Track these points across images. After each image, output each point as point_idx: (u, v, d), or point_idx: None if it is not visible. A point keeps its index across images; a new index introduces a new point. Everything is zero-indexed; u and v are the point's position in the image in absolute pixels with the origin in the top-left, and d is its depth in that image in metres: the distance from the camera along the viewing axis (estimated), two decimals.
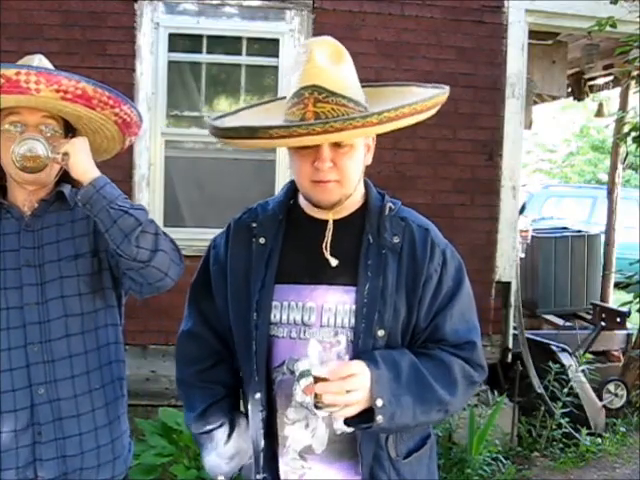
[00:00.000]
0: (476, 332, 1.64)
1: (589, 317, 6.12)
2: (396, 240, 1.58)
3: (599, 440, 4.69)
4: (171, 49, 4.41)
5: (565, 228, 7.40)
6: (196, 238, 4.43)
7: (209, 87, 4.64)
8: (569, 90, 7.01)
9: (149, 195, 4.41)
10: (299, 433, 1.58)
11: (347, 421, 1.48)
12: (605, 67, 6.60)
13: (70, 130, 1.77)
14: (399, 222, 1.61)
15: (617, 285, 6.93)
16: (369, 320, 1.53)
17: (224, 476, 1.67)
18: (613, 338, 5.66)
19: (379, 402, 1.44)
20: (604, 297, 6.67)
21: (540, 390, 4.66)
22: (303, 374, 1.43)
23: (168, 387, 4.33)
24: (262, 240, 1.62)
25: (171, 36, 4.40)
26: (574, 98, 7.43)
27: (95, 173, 1.67)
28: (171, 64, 4.43)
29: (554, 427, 4.56)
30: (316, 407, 1.43)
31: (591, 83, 7.27)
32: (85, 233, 1.80)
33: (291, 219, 1.65)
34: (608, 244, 6.83)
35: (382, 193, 1.69)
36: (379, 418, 1.44)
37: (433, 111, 1.53)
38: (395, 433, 1.57)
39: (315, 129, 1.39)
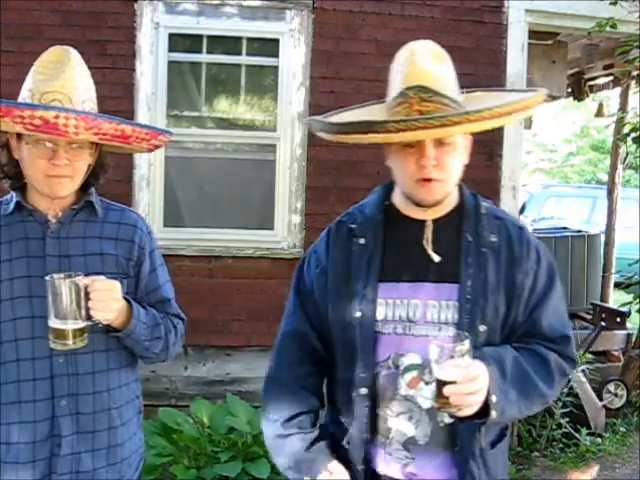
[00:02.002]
0: (569, 326, 1.72)
1: (589, 317, 6.12)
2: (494, 239, 1.64)
3: (599, 440, 4.69)
4: (171, 49, 4.41)
5: (565, 228, 7.40)
6: (196, 238, 4.45)
7: (209, 87, 4.64)
8: (569, 90, 7.01)
9: (149, 195, 4.41)
10: (403, 425, 1.62)
11: (462, 418, 1.51)
12: (605, 67, 6.60)
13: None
14: (495, 221, 1.67)
15: (617, 285, 6.93)
16: (472, 316, 1.58)
17: (310, 476, 1.63)
18: (613, 338, 5.65)
19: (494, 398, 1.50)
20: (604, 297, 6.67)
21: None
22: (408, 369, 1.50)
23: (168, 387, 4.33)
24: (362, 241, 1.66)
25: (171, 36, 4.39)
26: (574, 98, 7.43)
27: (122, 320, 1.72)
28: (171, 64, 4.43)
29: (554, 427, 4.56)
30: (438, 409, 1.47)
31: (591, 83, 7.27)
32: (113, 253, 1.79)
33: (388, 219, 1.69)
34: (608, 244, 6.83)
35: (474, 193, 1.73)
36: (493, 413, 1.50)
37: (529, 112, 1.60)
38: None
39: (432, 122, 1.43)
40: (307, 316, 1.74)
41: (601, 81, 7.21)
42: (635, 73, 4.85)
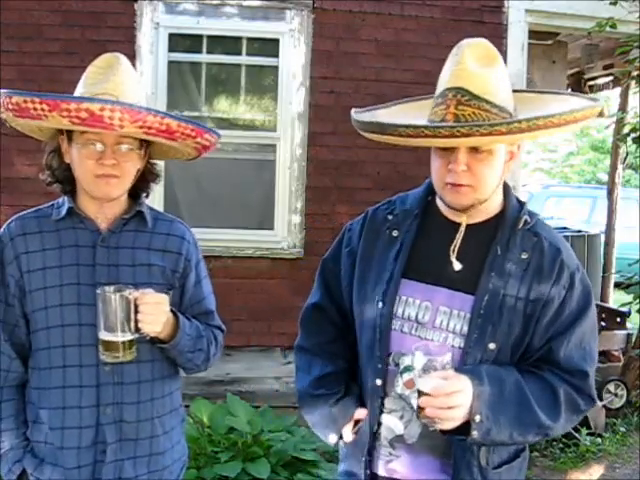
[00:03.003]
0: (591, 362, 1.61)
1: None
2: (524, 256, 1.57)
3: (599, 440, 4.68)
4: (171, 49, 4.41)
5: (565, 228, 7.39)
6: (197, 238, 4.44)
7: (209, 87, 4.64)
8: (569, 90, 7.01)
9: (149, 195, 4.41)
10: (393, 422, 1.61)
11: (443, 430, 1.50)
12: (605, 67, 6.60)
13: (146, 141, 1.75)
14: (531, 237, 1.59)
15: (617, 285, 6.93)
16: (482, 332, 1.53)
17: (335, 435, 1.69)
18: (613, 338, 5.64)
19: (477, 418, 1.46)
20: (604, 297, 6.67)
21: None
22: (407, 369, 1.49)
23: None
24: (395, 233, 1.66)
25: (171, 36, 4.40)
26: None
27: (168, 332, 1.72)
28: (171, 64, 4.43)
29: None
30: (418, 417, 1.47)
31: (591, 83, 7.27)
32: (160, 264, 1.80)
33: (426, 216, 1.66)
34: (608, 244, 6.83)
35: (522, 203, 1.66)
36: (474, 433, 1.47)
37: (577, 126, 1.51)
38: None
39: (441, 132, 1.41)
40: (329, 292, 1.77)
41: (601, 81, 7.21)
42: (635, 73, 4.85)
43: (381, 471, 1.65)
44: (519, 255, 1.57)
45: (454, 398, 1.43)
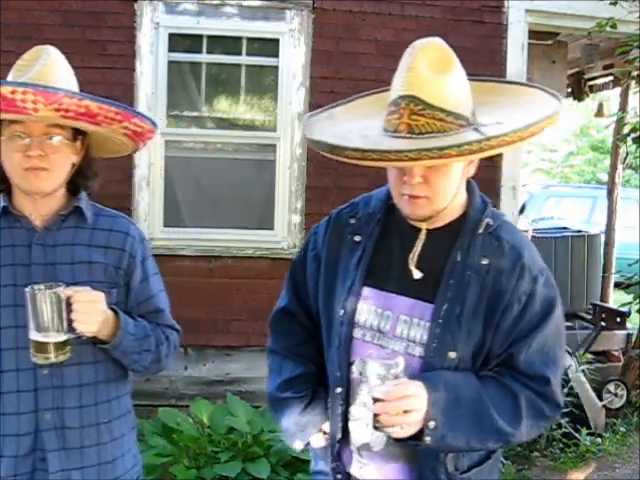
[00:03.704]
0: (554, 367, 1.56)
1: (589, 317, 6.12)
2: (484, 262, 1.52)
3: (599, 440, 4.68)
4: (171, 49, 4.41)
5: (565, 228, 7.39)
6: (196, 238, 4.45)
7: (209, 87, 4.64)
8: (569, 90, 7.01)
9: (149, 195, 4.41)
10: (359, 430, 1.60)
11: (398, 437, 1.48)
12: (605, 67, 6.60)
13: (80, 133, 1.67)
14: (493, 242, 1.54)
15: (617, 285, 6.93)
16: (441, 341, 1.50)
17: (302, 442, 1.70)
18: (613, 338, 5.65)
19: (431, 424, 1.44)
20: (604, 297, 6.66)
21: None
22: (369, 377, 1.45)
23: (168, 387, 4.33)
24: (357, 238, 1.63)
25: (171, 36, 4.40)
26: (574, 98, 7.42)
27: (108, 332, 1.65)
28: (171, 64, 4.43)
29: (554, 427, 4.55)
30: (375, 427, 1.44)
31: (591, 83, 7.27)
32: (102, 261, 1.72)
33: (388, 220, 1.63)
34: (608, 244, 6.83)
35: (486, 203, 1.61)
36: (427, 439, 1.44)
37: (537, 136, 1.45)
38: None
39: (408, 155, 1.34)
40: (298, 296, 1.76)
41: (601, 81, 7.21)
42: (635, 73, 4.85)
43: (354, 471, 1.64)
44: (479, 261, 1.52)
45: (407, 402, 1.41)
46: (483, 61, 4.58)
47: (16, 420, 1.64)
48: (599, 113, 7.77)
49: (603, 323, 5.64)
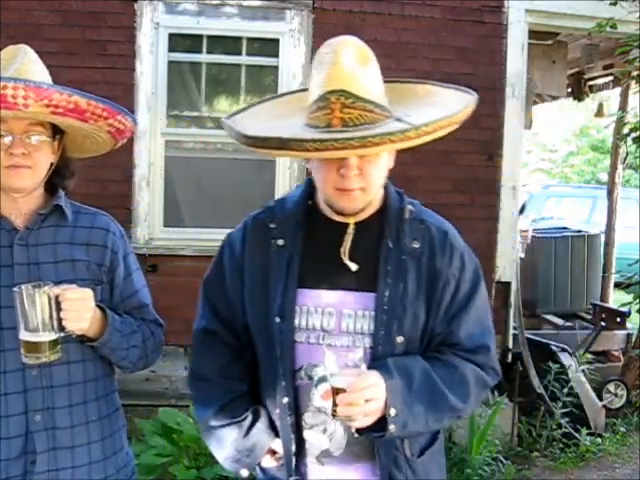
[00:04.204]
0: (490, 335, 1.63)
1: (589, 317, 6.12)
2: (416, 245, 1.57)
3: (599, 440, 4.68)
4: (171, 49, 4.41)
5: (565, 228, 7.40)
6: (196, 238, 4.45)
7: (209, 87, 4.64)
8: (569, 90, 7.01)
9: (149, 195, 4.41)
10: (317, 437, 1.57)
11: (359, 430, 1.48)
12: (605, 67, 6.60)
13: (58, 132, 1.67)
14: (419, 226, 1.60)
15: (617, 285, 6.93)
16: (388, 327, 1.52)
17: (248, 469, 1.63)
18: (613, 338, 5.66)
19: (392, 411, 1.45)
20: (604, 297, 6.67)
21: (540, 390, 4.66)
22: (322, 379, 1.44)
23: (168, 387, 4.33)
24: (281, 242, 1.59)
25: (171, 36, 4.40)
26: (574, 98, 7.42)
27: (96, 329, 1.63)
28: (171, 64, 4.43)
29: (554, 427, 4.56)
30: (334, 417, 1.44)
31: (591, 83, 7.26)
32: (84, 259, 1.70)
33: (310, 221, 1.61)
34: (608, 244, 6.83)
35: (400, 192, 1.66)
36: (392, 427, 1.45)
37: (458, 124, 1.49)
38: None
39: (352, 143, 1.35)
40: (217, 314, 1.68)
41: (601, 81, 7.21)
42: (635, 73, 4.85)
43: None
44: (411, 245, 1.56)
45: (368, 392, 1.42)
46: (483, 61, 4.58)
47: (5, 423, 1.61)
48: (599, 113, 7.77)
49: (603, 323, 5.65)
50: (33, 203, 1.70)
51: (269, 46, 4.51)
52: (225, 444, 1.62)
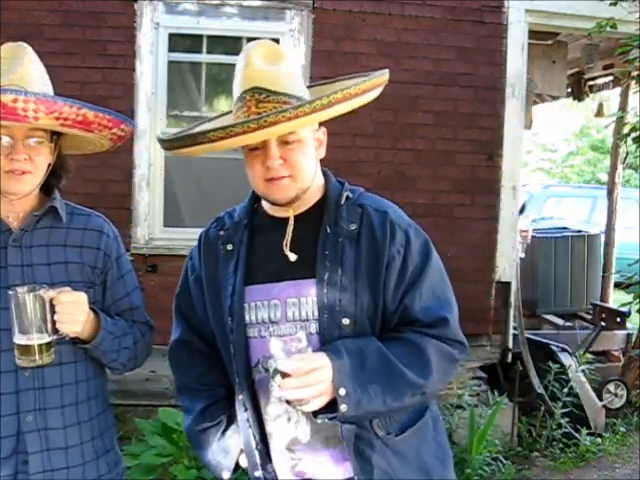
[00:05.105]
0: (449, 307, 1.61)
1: (589, 317, 6.12)
2: (352, 227, 1.59)
3: (599, 440, 4.69)
4: (171, 49, 4.41)
5: (565, 228, 7.40)
6: (196, 238, 4.44)
7: (209, 87, 4.64)
8: (569, 90, 7.01)
9: (149, 195, 4.41)
10: (282, 428, 1.61)
11: (315, 413, 1.50)
12: (605, 67, 6.60)
13: (56, 133, 1.67)
14: (356, 209, 1.62)
15: (617, 285, 6.93)
16: (331, 310, 1.54)
17: (228, 471, 1.69)
18: (613, 338, 5.66)
19: (342, 391, 1.46)
20: (604, 297, 6.67)
21: (540, 390, 4.66)
22: (277, 370, 1.46)
23: (168, 387, 4.33)
24: (229, 247, 1.66)
25: (171, 36, 4.40)
26: (574, 98, 7.43)
27: (89, 331, 1.66)
28: (171, 64, 4.43)
29: (554, 427, 4.56)
30: (288, 403, 1.47)
31: (591, 83, 7.27)
32: (78, 261, 1.72)
33: (255, 223, 1.69)
34: (608, 244, 6.83)
35: (342, 182, 1.70)
36: (343, 407, 1.46)
37: (372, 95, 1.55)
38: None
39: (250, 126, 1.41)
40: (190, 325, 1.75)
41: (601, 81, 7.21)
42: (635, 73, 4.85)
43: (290, 476, 1.64)
44: (347, 228, 1.58)
45: (314, 375, 1.43)
46: (483, 61, 4.58)
47: None
48: (599, 113, 7.77)
49: (603, 323, 5.65)
50: (29, 204, 1.71)
51: None
52: (205, 448, 1.70)
